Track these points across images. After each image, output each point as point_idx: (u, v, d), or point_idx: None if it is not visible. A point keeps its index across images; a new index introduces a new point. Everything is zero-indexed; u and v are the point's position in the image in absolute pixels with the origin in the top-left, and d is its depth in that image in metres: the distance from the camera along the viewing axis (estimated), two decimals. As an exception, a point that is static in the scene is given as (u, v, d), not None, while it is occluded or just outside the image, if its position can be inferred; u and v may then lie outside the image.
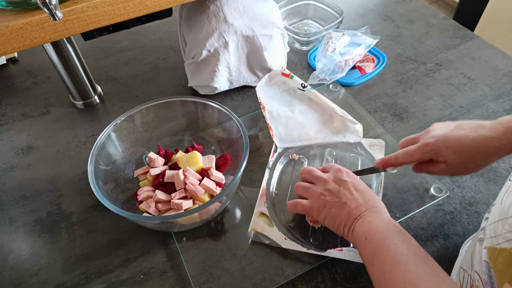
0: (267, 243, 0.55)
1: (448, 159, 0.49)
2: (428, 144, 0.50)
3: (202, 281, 0.52)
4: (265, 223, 0.57)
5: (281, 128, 0.68)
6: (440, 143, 0.49)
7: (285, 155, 0.66)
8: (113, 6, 0.51)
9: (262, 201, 0.60)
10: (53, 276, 0.54)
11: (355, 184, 0.51)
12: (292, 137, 0.68)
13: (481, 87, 0.78)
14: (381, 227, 0.45)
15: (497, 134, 0.46)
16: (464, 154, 0.48)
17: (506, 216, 0.33)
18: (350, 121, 0.68)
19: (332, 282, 0.52)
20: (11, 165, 0.69)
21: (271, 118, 0.70)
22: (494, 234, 0.34)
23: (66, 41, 0.68)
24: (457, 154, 0.48)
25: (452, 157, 0.48)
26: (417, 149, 0.51)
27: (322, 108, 0.71)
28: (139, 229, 0.58)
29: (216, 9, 0.67)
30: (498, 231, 0.34)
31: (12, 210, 0.62)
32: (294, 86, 0.73)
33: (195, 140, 0.68)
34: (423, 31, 0.92)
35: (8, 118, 0.77)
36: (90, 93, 0.78)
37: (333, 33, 0.81)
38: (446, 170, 0.50)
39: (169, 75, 0.85)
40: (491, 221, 0.36)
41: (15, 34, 0.48)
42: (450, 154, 0.48)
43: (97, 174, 0.54)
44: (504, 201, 0.35)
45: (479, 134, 0.47)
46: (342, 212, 0.49)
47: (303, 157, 0.66)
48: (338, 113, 0.69)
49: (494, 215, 0.36)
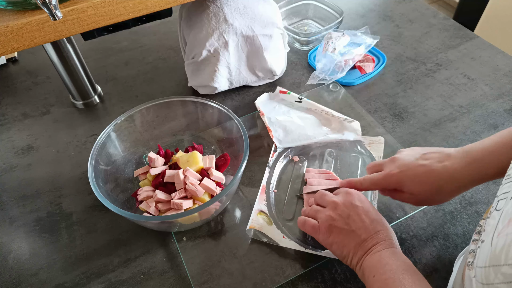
0: (265, 241, 0.55)
1: (413, 191, 0.48)
2: (392, 175, 0.49)
3: (202, 281, 0.52)
4: (264, 221, 0.57)
5: (280, 130, 0.69)
6: (403, 175, 0.48)
7: (285, 155, 0.66)
8: (113, 6, 0.51)
9: (261, 199, 0.60)
10: (53, 276, 0.54)
11: (366, 210, 0.48)
12: (292, 138, 0.68)
13: (481, 87, 0.78)
14: (390, 265, 0.42)
15: (462, 165, 0.45)
16: (429, 187, 0.47)
17: (498, 263, 0.29)
18: (347, 120, 0.69)
19: (332, 282, 0.52)
20: (11, 165, 0.69)
21: (270, 123, 0.70)
22: (486, 282, 0.30)
23: (66, 41, 0.68)
24: (421, 186, 0.47)
25: (416, 188, 0.47)
26: (381, 179, 0.50)
27: (319, 113, 0.72)
28: (139, 229, 0.58)
29: (216, 9, 0.67)
30: (490, 279, 0.29)
31: (12, 210, 0.62)
32: (292, 100, 0.75)
33: (195, 140, 0.68)
34: (423, 31, 0.92)
35: (8, 118, 0.77)
36: (90, 93, 0.78)
37: (333, 33, 0.81)
38: (411, 199, 0.49)
39: (169, 75, 0.85)
40: (482, 263, 0.31)
41: (15, 34, 0.48)
42: (414, 186, 0.47)
43: (97, 174, 0.54)
44: (495, 243, 0.30)
45: (444, 165, 0.46)
46: (350, 241, 0.46)
47: (303, 157, 0.66)
48: (335, 115, 0.70)
49: (484, 257, 0.31)
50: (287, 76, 0.83)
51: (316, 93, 0.78)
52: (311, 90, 0.79)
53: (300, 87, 0.80)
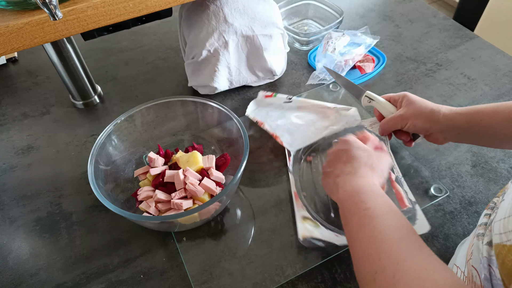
0: (323, 246, 0.54)
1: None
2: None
3: (202, 281, 0.52)
4: (311, 225, 0.56)
5: (286, 135, 0.68)
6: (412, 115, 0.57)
7: (299, 156, 0.67)
8: (113, 6, 0.51)
9: (299, 205, 0.59)
10: (53, 276, 0.54)
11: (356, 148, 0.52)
12: (299, 139, 0.68)
13: (481, 87, 0.78)
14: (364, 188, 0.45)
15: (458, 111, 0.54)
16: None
17: None
18: (344, 109, 0.69)
19: (332, 282, 0.52)
20: (11, 165, 0.69)
21: (273, 130, 0.69)
22: (504, 230, 0.32)
23: (66, 41, 0.68)
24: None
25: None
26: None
27: (314, 109, 0.72)
28: (139, 229, 0.58)
29: (216, 9, 0.67)
30: (509, 226, 0.32)
31: (12, 210, 0.62)
32: (280, 102, 0.73)
33: (195, 140, 0.68)
34: (423, 31, 0.92)
35: (8, 118, 0.77)
36: (90, 93, 0.78)
37: (333, 33, 0.81)
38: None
39: (169, 75, 0.85)
40: (501, 216, 0.34)
41: (15, 34, 0.48)
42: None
43: (97, 174, 0.54)
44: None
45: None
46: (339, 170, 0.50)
47: (315, 154, 0.67)
48: (330, 107, 0.70)
49: (504, 211, 0.34)
50: (287, 76, 0.83)
51: (316, 93, 0.78)
52: (311, 90, 0.79)
53: (300, 87, 0.80)
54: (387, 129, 0.61)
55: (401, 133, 0.61)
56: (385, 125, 0.61)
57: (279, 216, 0.59)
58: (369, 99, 0.64)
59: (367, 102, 0.65)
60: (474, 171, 0.64)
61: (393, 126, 0.60)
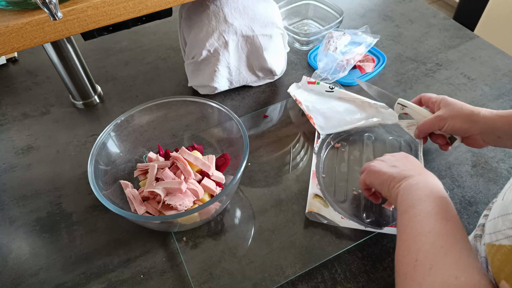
0: (325, 222, 0.57)
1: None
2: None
3: (202, 281, 0.52)
4: (321, 204, 0.59)
5: (320, 118, 0.71)
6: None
7: (327, 141, 0.68)
8: (113, 6, 0.51)
9: (314, 183, 0.61)
10: (53, 276, 0.54)
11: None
12: (332, 124, 0.70)
13: (481, 87, 0.78)
14: (418, 187, 0.45)
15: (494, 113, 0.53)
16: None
17: (507, 212, 0.33)
18: (383, 107, 0.70)
19: (332, 282, 0.52)
20: (11, 165, 0.69)
21: (309, 110, 0.72)
22: (494, 230, 0.33)
23: (66, 41, 0.68)
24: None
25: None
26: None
27: (353, 101, 0.73)
28: (139, 229, 0.58)
29: (216, 9, 0.67)
30: (498, 227, 0.33)
31: (12, 210, 0.62)
32: (322, 90, 0.76)
33: (195, 140, 0.68)
34: (423, 31, 0.92)
35: (8, 118, 0.77)
36: (90, 93, 0.78)
37: (334, 32, 0.81)
38: None
39: (169, 75, 0.85)
40: (491, 217, 0.35)
41: (15, 34, 0.48)
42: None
43: (97, 174, 0.54)
44: (506, 196, 0.34)
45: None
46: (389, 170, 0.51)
47: (344, 143, 0.68)
48: (371, 103, 0.72)
49: (494, 211, 0.35)
50: (287, 76, 0.83)
51: (316, 93, 0.78)
52: (311, 90, 0.79)
53: (300, 87, 0.80)
54: (424, 131, 0.60)
55: (437, 136, 0.60)
56: (422, 127, 0.60)
57: (279, 216, 0.59)
58: (402, 106, 0.64)
59: (400, 110, 0.64)
60: (474, 171, 0.64)
61: (431, 127, 0.59)
